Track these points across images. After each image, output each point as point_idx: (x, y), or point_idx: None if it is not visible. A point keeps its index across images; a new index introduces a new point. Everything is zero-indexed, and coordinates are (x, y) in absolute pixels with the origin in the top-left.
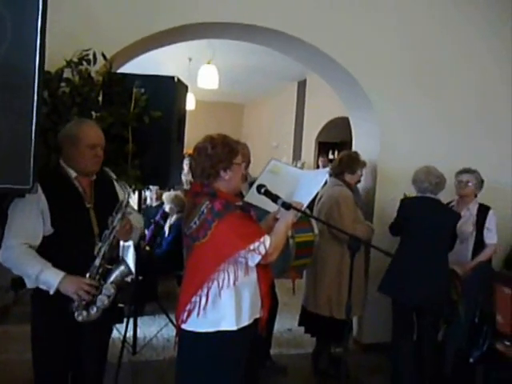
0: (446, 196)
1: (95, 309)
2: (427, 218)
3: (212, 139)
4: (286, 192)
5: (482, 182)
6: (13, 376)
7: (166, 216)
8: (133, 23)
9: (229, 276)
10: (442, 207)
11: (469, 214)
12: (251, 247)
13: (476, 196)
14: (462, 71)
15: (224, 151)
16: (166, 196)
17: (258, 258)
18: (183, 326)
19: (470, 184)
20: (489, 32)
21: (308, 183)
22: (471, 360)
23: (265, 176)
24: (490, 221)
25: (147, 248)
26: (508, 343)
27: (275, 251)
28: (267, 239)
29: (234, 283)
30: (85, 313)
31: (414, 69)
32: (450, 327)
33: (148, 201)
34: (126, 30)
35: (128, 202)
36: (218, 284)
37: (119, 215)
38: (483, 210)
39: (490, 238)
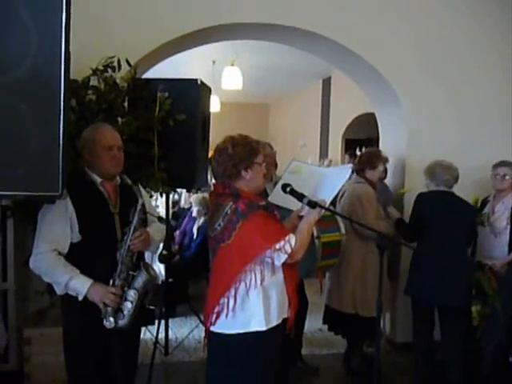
0: (468, 191)
1: (122, 316)
2: (448, 212)
3: (232, 139)
4: (309, 190)
5: None
6: (50, 377)
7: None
8: (154, 29)
9: (256, 276)
10: (460, 200)
11: (503, 208)
12: (277, 246)
13: None
14: (487, 69)
15: (245, 150)
16: (194, 198)
17: (284, 257)
18: (212, 329)
19: (507, 177)
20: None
21: (331, 180)
22: (510, 359)
23: (286, 177)
24: None
25: (176, 248)
26: None
27: (300, 249)
28: (292, 238)
29: (261, 283)
30: (112, 319)
31: (439, 64)
32: (488, 324)
33: (182, 203)
34: (148, 36)
35: (142, 209)
36: (246, 285)
37: (134, 220)
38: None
39: None
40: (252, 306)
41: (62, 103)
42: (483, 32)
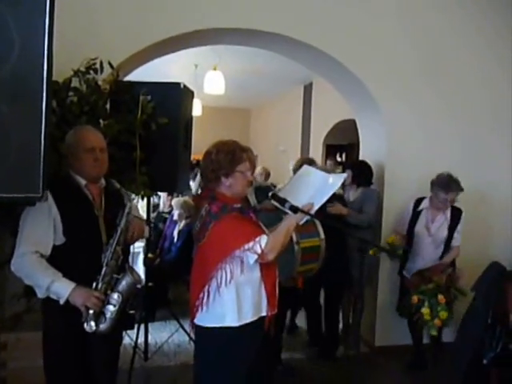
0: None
1: (104, 320)
2: None
3: (219, 145)
4: (308, 195)
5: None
6: (27, 383)
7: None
8: (138, 31)
9: (226, 274)
10: None
11: (444, 218)
12: (246, 247)
13: None
14: (473, 73)
15: (226, 158)
16: (175, 202)
17: (253, 257)
18: (195, 321)
19: (452, 201)
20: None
21: (325, 186)
22: (485, 361)
23: (295, 180)
24: (461, 224)
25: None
26: None
27: (272, 251)
28: (263, 239)
29: (231, 281)
30: (93, 323)
31: (421, 71)
32: (464, 327)
33: (161, 206)
34: (131, 39)
35: (130, 211)
36: (217, 282)
37: (122, 224)
38: (456, 214)
39: (458, 240)
40: (226, 302)
41: (44, 105)
42: (470, 37)
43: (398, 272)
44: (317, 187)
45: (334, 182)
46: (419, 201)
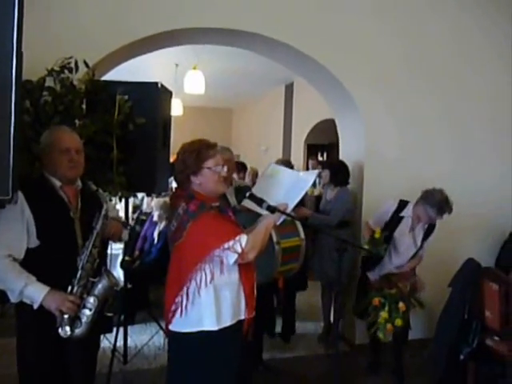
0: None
1: (79, 324)
2: None
3: (186, 145)
4: (282, 195)
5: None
6: None
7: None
8: (116, 30)
9: (205, 275)
10: None
11: (422, 230)
12: (225, 246)
13: None
14: (454, 71)
15: (191, 157)
16: (155, 203)
17: (234, 257)
18: (170, 327)
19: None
20: (486, 24)
21: (299, 184)
22: (462, 357)
23: (263, 180)
24: (433, 236)
25: (136, 253)
26: (497, 338)
27: (253, 250)
28: (243, 238)
29: (211, 282)
30: (68, 328)
31: (401, 71)
32: (440, 325)
33: (144, 207)
34: (108, 37)
35: (106, 213)
36: (196, 283)
37: (98, 226)
38: (431, 227)
39: (425, 250)
40: (203, 306)
41: (13, 105)
42: (443, 36)
43: (360, 267)
44: (289, 185)
45: (306, 179)
46: (402, 205)
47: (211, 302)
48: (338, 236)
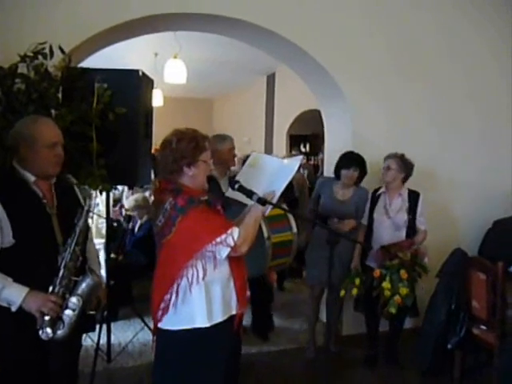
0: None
1: (62, 325)
2: None
3: (179, 133)
4: (266, 183)
5: (409, 166)
6: None
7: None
8: (91, 15)
9: (198, 271)
10: None
11: (401, 201)
12: (218, 240)
13: (403, 183)
14: (439, 58)
15: (189, 146)
16: (129, 204)
17: (226, 251)
18: (160, 325)
19: (391, 169)
20: (477, 18)
21: (283, 171)
22: (449, 346)
23: (245, 170)
24: (421, 206)
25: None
26: (484, 328)
27: (245, 243)
28: (235, 231)
29: (204, 278)
30: (49, 330)
31: (387, 58)
32: (429, 314)
33: (124, 200)
34: (85, 22)
35: (89, 209)
36: (188, 280)
37: (81, 223)
38: (414, 197)
39: (422, 222)
40: (194, 302)
41: None
42: (430, 24)
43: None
44: (273, 173)
45: (291, 165)
46: (376, 190)
47: (202, 298)
48: (332, 228)
